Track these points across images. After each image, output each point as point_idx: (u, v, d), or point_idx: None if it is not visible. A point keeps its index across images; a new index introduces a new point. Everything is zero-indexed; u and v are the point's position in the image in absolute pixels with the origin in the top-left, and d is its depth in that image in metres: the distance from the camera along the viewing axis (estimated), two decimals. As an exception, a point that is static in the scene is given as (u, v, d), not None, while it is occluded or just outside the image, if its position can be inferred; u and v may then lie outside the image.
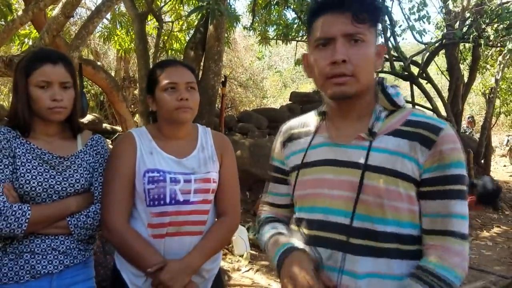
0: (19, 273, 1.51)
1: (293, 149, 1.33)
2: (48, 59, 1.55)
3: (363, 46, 1.11)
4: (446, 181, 1.08)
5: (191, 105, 1.64)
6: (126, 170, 1.63)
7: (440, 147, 1.08)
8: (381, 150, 1.13)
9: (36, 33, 5.53)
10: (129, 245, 1.58)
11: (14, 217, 1.45)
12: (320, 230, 1.18)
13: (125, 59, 10.87)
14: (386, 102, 1.18)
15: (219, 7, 3.83)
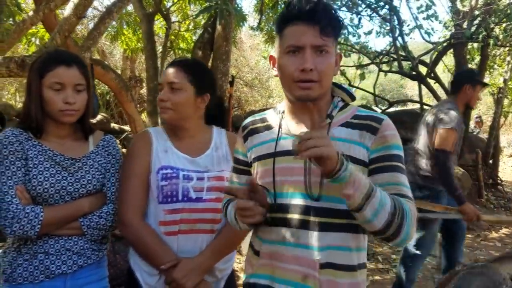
0: (34, 273, 1.53)
1: (254, 142, 1.47)
2: (63, 61, 1.55)
3: (327, 57, 1.29)
4: (391, 158, 1.29)
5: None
6: (141, 167, 1.67)
7: (383, 132, 1.31)
8: (336, 139, 1.31)
9: (43, 32, 5.56)
10: (144, 241, 1.61)
11: (27, 219, 1.46)
12: (284, 212, 1.35)
13: (132, 59, 10.90)
14: (345, 95, 1.41)
15: (228, 7, 3.83)
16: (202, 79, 1.73)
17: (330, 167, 1.12)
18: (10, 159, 1.51)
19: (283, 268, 1.34)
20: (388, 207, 1.17)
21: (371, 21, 7.55)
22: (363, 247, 1.36)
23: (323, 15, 1.27)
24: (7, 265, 1.55)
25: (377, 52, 8.14)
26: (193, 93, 1.70)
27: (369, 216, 1.17)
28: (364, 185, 1.15)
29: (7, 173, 1.49)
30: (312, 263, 1.29)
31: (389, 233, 1.20)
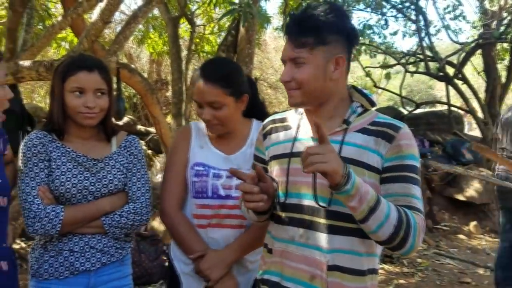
0: (59, 269, 1.58)
1: (272, 141, 1.50)
2: (84, 66, 1.59)
3: (303, 67, 1.32)
4: (404, 169, 1.29)
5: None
6: (180, 161, 1.78)
7: (399, 141, 1.30)
8: (351, 144, 1.32)
9: (72, 36, 5.71)
10: (177, 230, 1.73)
11: (48, 218, 1.51)
12: (294, 212, 1.38)
13: (158, 62, 11.07)
14: (365, 101, 1.40)
15: (251, 9, 3.85)
16: (238, 85, 1.71)
17: (335, 180, 1.16)
18: (33, 160, 1.56)
19: (291, 266, 1.37)
20: (393, 220, 1.20)
21: (397, 21, 7.45)
22: (374, 252, 1.36)
23: (295, 28, 1.33)
24: (34, 261, 1.61)
25: (403, 53, 8.03)
26: (234, 103, 1.70)
27: (373, 227, 1.21)
28: (370, 198, 1.18)
29: (30, 174, 1.55)
30: (319, 264, 1.32)
31: (393, 244, 1.23)
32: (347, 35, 1.35)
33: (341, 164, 1.15)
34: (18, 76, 3.02)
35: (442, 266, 4.84)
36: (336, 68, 1.33)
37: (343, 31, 1.33)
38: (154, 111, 4.30)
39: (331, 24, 1.31)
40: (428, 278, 4.45)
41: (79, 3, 3.27)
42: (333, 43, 1.32)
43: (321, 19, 1.31)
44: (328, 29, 1.31)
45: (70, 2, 3.65)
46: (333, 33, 1.31)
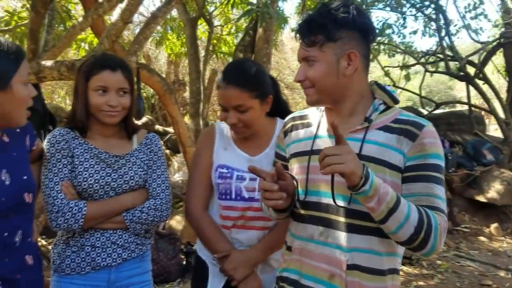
0: (81, 264, 1.60)
1: (293, 139, 1.50)
2: (108, 65, 1.62)
3: (315, 65, 1.33)
4: (428, 168, 1.26)
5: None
6: (204, 161, 1.80)
7: (422, 139, 1.28)
8: (372, 142, 1.31)
9: (91, 37, 5.79)
10: (202, 230, 1.75)
11: (71, 213, 1.54)
12: (314, 210, 1.37)
13: (175, 63, 11.15)
14: (387, 98, 1.37)
15: (269, 9, 3.85)
16: (262, 87, 1.69)
17: (353, 181, 1.15)
18: (57, 156, 1.60)
19: (311, 265, 1.37)
20: (413, 222, 1.18)
21: (416, 21, 7.37)
22: (395, 252, 1.34)
23: (305, 28, 1.35)
24: (56, 256, 1.64)
25: (423, 52, 7.93)
26: (259, 104, 1.69)
27: (393, 228, 1.20)
28: (389, 199, 1.17)
29: (53, 170, 1.58)
30: (339, 263, 1.31)
31: (414, 245, 1.22)
32: (360, 30, 1.33)
33: (359, 165, 1.15)
34: (40, 76, 3.07)
35: (462, 268, 4.76)
36: (349, 63, 1.32)
37: (355, 26, 1.32)
38: (172, 111, 4.32)
39: (340, 20, 1.30)
40: (448, 280, 4.39)
41: (100, 4, 3.31)
42: (343, 39, 1.31)
43: (329, 16, 1.31)
44: (337, 25, 1.30)
45: (91, 3, 3.70)
46: (343, 29, 1.31)
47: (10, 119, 1.34)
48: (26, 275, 1.40)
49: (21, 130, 1.50)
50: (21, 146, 1.49)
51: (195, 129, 5.67)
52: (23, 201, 1.39)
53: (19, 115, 1.34)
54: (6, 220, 1.33)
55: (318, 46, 1.32)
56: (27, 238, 1.43)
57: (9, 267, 1.34)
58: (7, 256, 1.34)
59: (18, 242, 1.37)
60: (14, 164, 1.40)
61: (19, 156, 1.44)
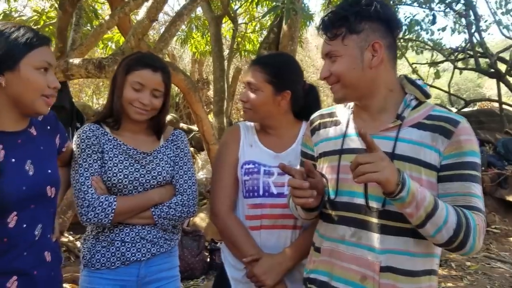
0: (111, 259, 1.61)
1: (321, 137, 1.46)
2: (150, 65, 1.64)
3: (338, 60, 1.30)
4: (464, 166, 1.22)
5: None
6: (229, 160, 1.74)
7: (458, 137, 1.23)
8: (406, 141, 1.26)
9: (118, 36, 5.87)
10: (230, 232, 1.67)
11: (101, 208, 1.55)
12: (345, 210, 1.33)
13: (200, 62, 11.22)
14: (419, 93, 1.32)
15: (294, 6, 3.81)
16: (281, 77, 1.68)
17: (389, 189, 1.12)
18: (87, 152, 1.61)
19: (342, 266, 1.32)
20: (452, 224, 1.16)
21: (446, 17, 7.20)
22: (431, 253, 1.29)
23: (326, 21, 1.32)
24: (86, 251, 1.65)
25: (452, 49, 7.74)
26: (271, 93, 1.67)
27: (431, 232, 1.17)
28: (427, 204, 1.14)
29: (84, 165, 1.60)
30: (371, 265, 1.27)
31: (452, 247, 1.19)
32: (384, 22, 1.30)
33: (394, 172, 1.12)
34: (68, 73, 3.12)
35: (492, 270, 4.62)
36: (374, 54, 1.28)
37: (379, 18, 1.29)
38: (197, 109, 4.34)
39: (362, 12, 1.27)
40: (478, 282, 4.27)
41: (126, 2, 3.35)
42: (366, 30, 1.28)
43: (351, 8, 1.29)
44: (359, 17, 1.27)
45: (117, 2, 3.75)
46: (365, 21, 1.28)
47: (24, 104, 1.33)
48: (44, 271, 1.39)
49: (52, 128, 1.51)
50: (49, 142, 1.49)
51: (219, 127, 5.69)
52: (45, 194, 1.39)
53: (31, 101, 1.32)
54: (26, 211, 1.33)
55: (341, 39, 1.29)
56: (47, 233, 1.42)
57: (27, 261, 1.34)
58: (25, 249, 1.34)
59: (37, 236, 1.37)
60: (39, 156, 1.40)
61: (46, 150, 1.45)
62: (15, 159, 1.33)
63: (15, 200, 1.29)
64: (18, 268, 1.32)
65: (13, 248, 1.31)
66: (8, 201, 1.27)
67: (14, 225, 1.31)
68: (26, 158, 1.36)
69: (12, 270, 1.31)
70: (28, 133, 1.41)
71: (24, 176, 1.33)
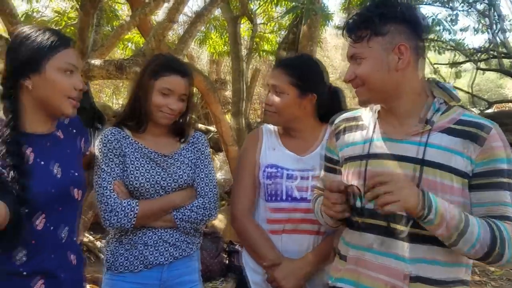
0: (134, 263, 1.60)
1: (346, 142, 1.42)
2: (179, 71, 1.64)
3: (363, 63, 1.27)
4: (498, 174, 1.18)
5: None
6: (250, 163, 1.72)
7: (491, 144, 1.19)
8: (436, 146, 1.22)
9: (137, 37, 5.90)
10: (249, 236, 1.66)
11: (124, 212, 1.55)
12: (372, 218, 1.29)
13: (217, 62, 11.23)
14: (448, 96, 1.28)
15: (314, 6, 3.77)
16: (306, 80, 1.66)
17: (416, 214, 1.12)
18: (109, 156, 1.61)
19: (369, 276, 1.29)
20: (486, 240, 1.14)
21: (468, 16, 7.06)
22: (462, 262, 1.26)
23: (351, 23, 1.30)
24: (110, 254, 1.64)
25: (474, 49, 7.60)
26: (296, 95, 1.65)
27: (465, 250, 1.16)
28: (457, 223, 1.13)
29: (106, 169, 1.59)
30: (400, 275, 1.24)
31: (488, 260, 1.17)
32: (410, 24, 1.26)
33: (417, 197, 1.11)
34: (89, 74, 3.14)
35: (517, 276, 4.51)
36: (400, 57, 1.24)
37: (404, 20, 1.26)
38: (215, 110, 4.33)
39: (387, 14, 1.25)
40: (502, 288, 4.17)
41: (147, 3, 3.35)
42: (392, 32, 1.24)
43: (376, 10, 1.26)
44: (384, 19, 1.25)
45: (138, 3, 3.76)
46: (390, 23, 1.25)
47: (51, 106, 1.34)
48: (69, 274, 1.39)
49: (77, 131, 1.53)
50: (75, 145, 1.51)
51: (237, 128, 5.67)
52: (71, 196, 1.40)
53: (58, 102, 1.33)
54: (53, 213, 1.34)
55: (365, 41, 1.26)
56: (73, 236, 1.43)
57: (54, 264, 1.35)
58: (53, 251, 1.35)
59: (64, 239, 1.38)
60: (66, 159, 1.42)
61: (72, 153, 1.46)
62: (43, 162, 1.35)
63: (43, 202, 1.31)
64: (45, 270, 1.33)
65: (41, 251, 1.32)
66: (36, 202, 1.29)
67: (42, 227, 1.32)
68: (54, 160, 1.38)
69: (40, 272, 1.32)
70: (55, 136, 1.43)
71: (52, 178, 1.35)
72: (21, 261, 1.29)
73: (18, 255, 1.29)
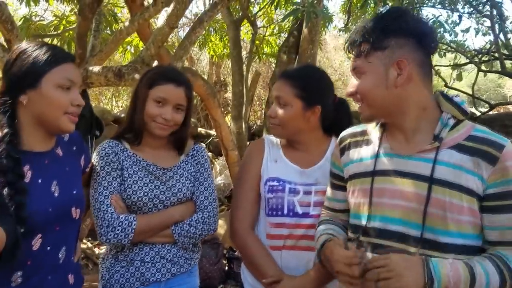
0: (130, 280, 1.56)
1: (351, 158, 1.38)
2: (174, 80, 1.60)
3: (363, 78, 1.25)
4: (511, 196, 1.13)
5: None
6: (252, 175, 1.68)
7: (504, 163, 1.13)
8: (445, 164, 1.18)
9: (137, 40, 5.86)
10: (249, 251, 1.62)
11: (121, 227, 1.51)
12: (379, 238, 1.24)
13: (217, 64, 11.21)
14: (456, 111, 1.22)
15: (315, 9, 3.74)
16: (311, 92, 1.62)
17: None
18: (106, 169, 1.57)
19: None
20: (495, 284, 1.12)
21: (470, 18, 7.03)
22: None
23: (352, 38, 1.28)
24: (105, 271, 1.61)
25: (476, 51, 7.56)
26: (301, 108, 1.61)
27: None
28: (464, 281, 1.10)
29: (103, 183, 1.56)
30: None
31: None
32: (415, 36, 1.21)
33: (418, 275, 1.09)
34: (87, 81, 3.10)
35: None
36: (399, 73, 1.20)
37: (407, 33, 1.21)
38: (215, 114, 4.30)
39: (388, 27, 1.21)
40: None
41: (146, 8, 3.31)
42: (392, 47, 1.21)
43: (376, 24, 1.23)
44: (384, 33, 1.21)
45: (137, 7, 3.72)
46: (391, 37, 1.21)
47: (48, 123, 1.32)
48: None
49: (77, 148, 1.51)
50: (75, 163, 1.48)
51: (237, 132, 5.64)
52: (69, 215, 1.37)
53: (54, 118, 1.31)
54: (51, 233, 1.31)
55: (364, 56, 1.24)
56: (70, 256, 1.41)
57: (51, 285, 1.32)
58: (50, 273, 1.32)
59: (62, 259, 1.35)
60: (65, 177, 1.39)
61: (71, 171, 1.44)
62: (41, 180, 1.32)
63: (41, 221, 1.28)
64: None
65: (38, 272, 1.29)
66: (34, 222, 1.25)
67: (38, 247, 1.29)
68: (52, 178, 1.35)
69: None
70: (54, 153, 1.40)
71: (50, 197, 1.32)
72: (17, 283, 1.26)
73: (13, 276, 1.25)
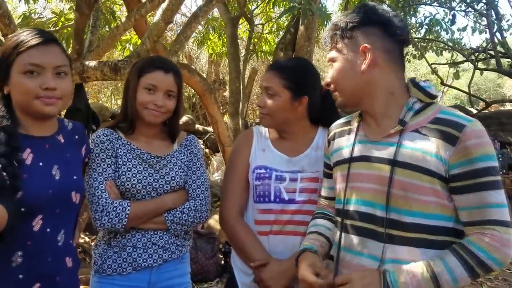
0: (122, 265, 1.60)
1: (336, 147, 1.45)
2: (162, 67, 1.65)
3: (334, 66, 1.33)
4: (477, 174, 1.14)
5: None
6: (241, 164, 1.74)
7: (465, 143, 1.15)
8: (407, 147, 1.22)
9: (136, 39, 5.89)
10: (238, 237, 1.67)
11: (115, 212, 1.54)
12: (352, 219, 1.32)
13: (216, 63, 11.24)
14: (421, 95, 1.26)
15: (311, 6, 3.77)
16: (299, 83, 1.67)
17: None
18: (101, 156, 1.61)
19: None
20: (462, 274, 1.13)
21: (466, 16, 7.05)
22: None
23: (326, 33, 1.37)
24: (98, 257, 1.64)
25: (473, 49, 7.59)
26: (289, 98, 1.66)
27: None
28: (426, 285, 1.13)
29: (98, 170, 1.59)
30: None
31: (480, 278, 1.16)
32: (379, 25, 1.29)
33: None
34: (84, 76, 3.13)
35: (513, 276, 4.51)
36: (364, 58, 1.27)
37: (372, 22, 1.29)
38: (212, 111, 4.34)
39: (353, 18, 1.29)
40: (498, 288, 4.17)
41: (143, 4, 3.34)
42: (358, 36, 1.28)
43: (344, 17, 1.32)
44: (351, 23, 1.29)
45: (134, 4, 3.74)
46: (358, 26, 1.29)
47: (26, 109, 1.34)
48: (65, 277, 1.40)
49: (79, 138, 1.54)
50: (76, 151, 1.51)
51: (234, 129, 5.67)
52: (69, 200, 1.40)
53: (27, 104, 1.32)
54: (51, 215, 1.34)
55: (335, 46, 1.33)
56: (69, 239, 1.43)
57: (51, 267, 1.35)
58: (49, 254, 1.35)
59: (61, 242, 1.38)
60: (65, 163, 1.42)
61: (72, 158, 1.47)
62: (42, 163, 1.35)
63: (42, 203, 1.31)
64: (42, 274, 1.33)
65: (38, 253, 1.32)
66: (34, 203, 1.29)
67: (38, 229, 1.32)
68: (53, 163, 1.38)
69: (37, 276, 1.32)
70: (55, 139, 1.44)
71: (51, 179, 1.36)
72: (17, 263, 1.29)
73: (14, 256, 1.29)
